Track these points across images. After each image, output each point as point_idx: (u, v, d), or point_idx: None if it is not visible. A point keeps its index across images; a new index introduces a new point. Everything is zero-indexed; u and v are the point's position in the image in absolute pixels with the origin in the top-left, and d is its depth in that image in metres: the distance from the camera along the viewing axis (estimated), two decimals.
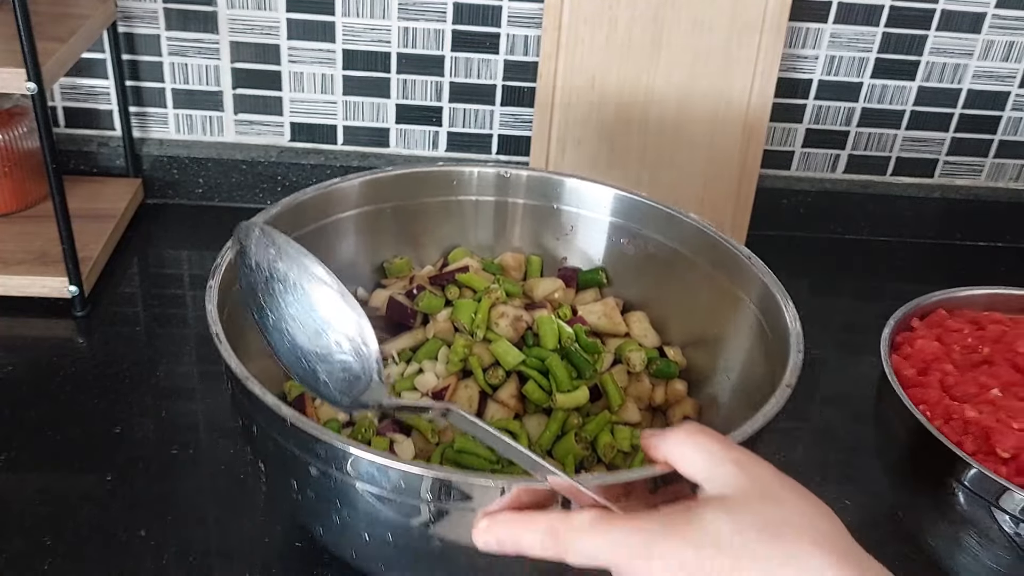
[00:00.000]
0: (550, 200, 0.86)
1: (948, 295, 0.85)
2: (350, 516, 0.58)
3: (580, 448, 0.70)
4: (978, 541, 0.67)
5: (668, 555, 0.45)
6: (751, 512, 0.46)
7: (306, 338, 0.54)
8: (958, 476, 0.67)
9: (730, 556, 0.44)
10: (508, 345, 0.74)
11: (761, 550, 0.44)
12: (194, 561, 0.71)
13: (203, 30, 1.09)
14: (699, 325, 0.81)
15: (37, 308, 0.95)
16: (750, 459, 0.49)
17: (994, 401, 0.73)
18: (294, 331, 0.55)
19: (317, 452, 0.55)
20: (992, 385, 0.75)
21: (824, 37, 1.12)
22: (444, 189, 0.85)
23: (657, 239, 0.83)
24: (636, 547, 0.46)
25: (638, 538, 0.46)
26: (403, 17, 1.09)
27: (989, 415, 0.71)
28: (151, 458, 0.80)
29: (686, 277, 0.81)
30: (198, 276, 1.04)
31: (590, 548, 0.47)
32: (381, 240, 0.85)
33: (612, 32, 1.05)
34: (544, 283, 0.84)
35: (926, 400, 0.74)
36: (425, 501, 0.54)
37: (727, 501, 0.46)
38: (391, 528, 0.57)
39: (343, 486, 0.56)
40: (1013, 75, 1.16)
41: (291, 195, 0.78)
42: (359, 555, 0.62)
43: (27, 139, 1.02)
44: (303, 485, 0.59)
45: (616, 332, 0.81)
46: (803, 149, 1.20)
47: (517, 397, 0.73)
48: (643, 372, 0.78)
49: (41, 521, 0.73)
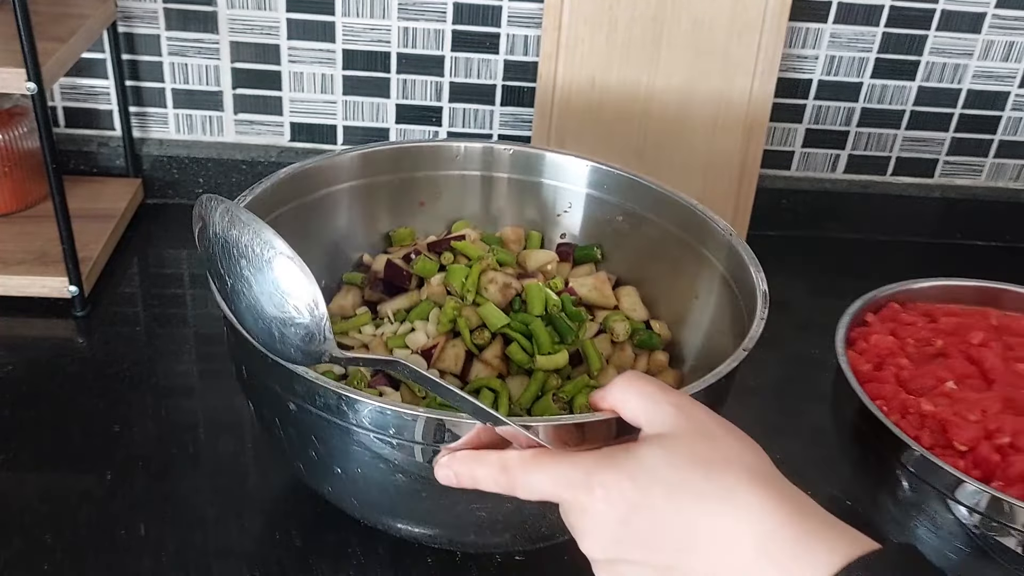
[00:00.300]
0: (548, 177, 0.89)
1: (901, 288, 0.86)
2: (324, 450, 0.63)
3: (557, 408, 0.73)
4: (935, 533, 0.68)
5: (608, 484, 0.48)
6: (686, 448, 0.48)
7: (270, 306, 0.59)
8: (913, 469, 0.67)
9: (664, 486, 0.47)
10: (494, 308, 0.78)
11: (697, 483, 0.47)
12: (193, 560, 0.71)
13: (203, 30, 1.09)
14: (682, 300, 0.84)
15: (37, 308, 0.95)
16: (688, 402, 0.51)
17: (950, 394, 0.74)
18: (256, 298, 0.59)
19: (295, 389, 0.61)
20: (947, 378, 0.76)
21: (824, 37, 1.12)
22: (447, 163, 0.89)
23: (650, 218, 0.86)
24: (577, 479, 0.49)
25: (579, 471, 0.49)
26: (403, 17, 1.09)
27: (945, 408, 0.71)
28: (151, 457, 0.80)
29: (674, 255, 0.84)
30: (198, 276, 1.04)
31: (535, 482, 0.50)
32: (389, 209, 0.89)
33: (612, 32, 1.05)
34: (538, 254, 0.88)
35: (882, 395, 0.74)
36: (383, 433, 0.60)
37: (664, 438, 0.49)
38: (359, 462, 0.62)
39: (317, 420, 0.61)
40: (1013, 75, 1.16)
41: (291, 166, 0.81)
42: (334, 490, 0.67)
43: (27, 139, 1.02)
44: (284, 422, 0.65)
45: (606, 305, 0.84)
46: (803, 149, 1.20)
47: (501, 358, 0.77)
48: (627, 342, 0.82)
49: (41, 520, 0.73)
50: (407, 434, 0.59)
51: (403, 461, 0.61)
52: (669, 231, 0.84)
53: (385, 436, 0.60)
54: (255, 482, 0.78)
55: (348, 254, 0.88)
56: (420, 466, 0.61)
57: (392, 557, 0.73)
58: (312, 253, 0.84)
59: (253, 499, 0.77)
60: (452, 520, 0.65)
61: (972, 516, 0.65)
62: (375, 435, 0.60)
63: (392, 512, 0.66)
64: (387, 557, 0.73)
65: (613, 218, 0.88)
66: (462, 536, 0.67)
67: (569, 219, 0.90)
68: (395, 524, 0.68)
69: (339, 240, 0.87)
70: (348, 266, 0.88)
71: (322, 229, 0.85)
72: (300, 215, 0.82)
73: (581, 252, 0.89)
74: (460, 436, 0.59)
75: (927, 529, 0.68)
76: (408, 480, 0.62)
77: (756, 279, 0.74)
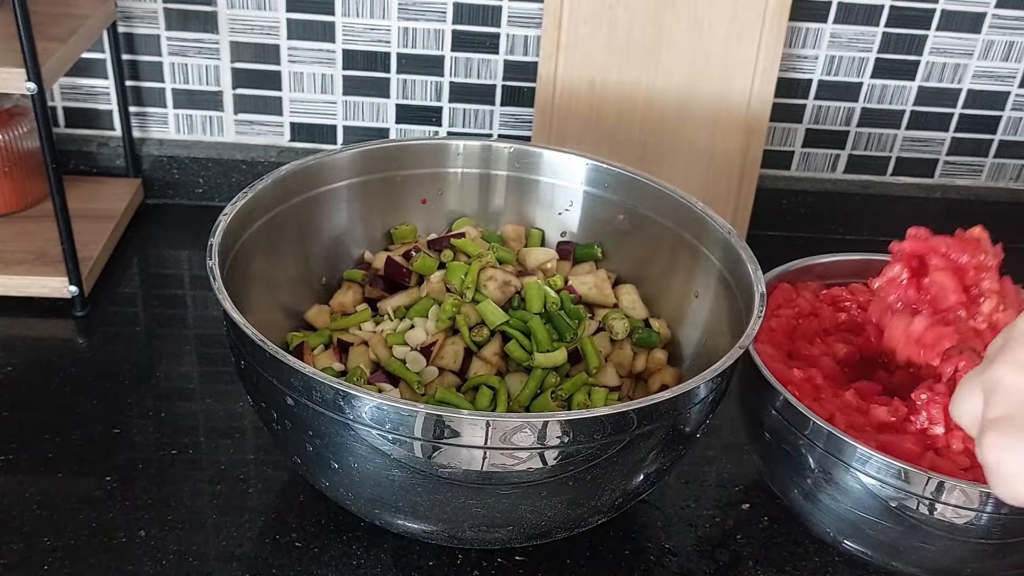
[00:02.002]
0: (548, 175, 0.90)
1: (796, 266, 0.85)
2: (321, 445, 0.64)
3: (556, 406, 0.73)
4: (838, 498, 0.69)
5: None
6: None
7: None
8: (814, 440, 0.68)
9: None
10: (493, 305, 0.78)
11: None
12: (193, 563, 0.71)
13: (203, 30, 1.09)
14: (681, 298, 0.85)
15: (37, 308, 0.95)
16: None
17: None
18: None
19: (293, 384, 0.62)
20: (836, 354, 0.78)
21: (824, 37, 1.12)
22: (448, 161, 0.89)
23: (650, 216, 0.86)
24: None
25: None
26: (403, 17, 1.09)
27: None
28: (151, 459, 0.80)
29: (674, 253, 0.85)
30: (198, 276, 1.04)
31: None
32: (390, 206, 0.89)
33: (612, 32, 1.05)
34: (538, 253, 0.88)
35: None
36: (381, 429, 0.60)
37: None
38: (356, 457, 0.63)
39: (315, 415, 0.62)
40: (1013, 75, 1.16)
41: (292, 163, 0.82)
42: (331, 484, 0.68)
43: (27, 139, 1.02)
44: (282, 416, 0.65)
45: (605, 303, 0.85)
46: (803, 149, 1.20)
47: (500, 355, 0.77)
48: (626, 340, 0.82)
49: (41, 522, 0.73)
50: (405, 430, 0.60)
51: (401, 456, 0.61)
52: (669, 229, 0.85)
53: (383, 432, 0.60)
54: (256, 484, 0.78)
55: (349, 251, 0.88)
56: (418, 461, 0.61)
57: (393, 559, 0.73)
58: (313, 250, 0.85)
59: (254, 501, 0.77)
60: (449, 515, 0.65)
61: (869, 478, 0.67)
62: (373, 431, 0.60)
63: (389, 507, 0.66)
64: (388, 560, 0.73)
65: (614, 217, 0.88)
66: (459, 532, 0.68)
67: (570, 217, 0.90)
68: (392, 519, 0.68)
69: (340, 237, 0.87)
70: (349, 263, 0.88)
71: (323, 226, 0.85)
72: (301, 212, 0.83)
73: (582, 250, 0.89)
74: (460, 432, 0.59)
75: (830, 495, 0.70)
76: (405, 475, 0.62)
77: (754, 277, 0.74)
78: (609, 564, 0.74)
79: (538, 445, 0.60)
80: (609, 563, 0.74)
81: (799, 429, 0.69)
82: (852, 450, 0.66)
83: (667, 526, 0.78)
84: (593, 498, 0.66)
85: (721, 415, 0.76)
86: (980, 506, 0.63)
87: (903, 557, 0.69)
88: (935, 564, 0.68)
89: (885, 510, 0.66)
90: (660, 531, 0.78)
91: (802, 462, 0.69)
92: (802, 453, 0.69)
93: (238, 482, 0.78)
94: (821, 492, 0.69)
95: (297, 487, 0.78)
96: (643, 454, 0.65)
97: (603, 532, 0.76)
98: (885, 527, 0.67)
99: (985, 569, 0.68)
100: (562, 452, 0.61)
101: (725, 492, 0.82)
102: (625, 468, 0.65)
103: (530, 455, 0.60)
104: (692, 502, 0.81)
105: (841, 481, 0.67)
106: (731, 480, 0.83)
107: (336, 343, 0.79)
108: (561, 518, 0.67)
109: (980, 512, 0.64)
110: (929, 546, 0.67)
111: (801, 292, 0.83)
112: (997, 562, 0.68)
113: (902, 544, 0.68)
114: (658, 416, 0.63)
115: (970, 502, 0.63)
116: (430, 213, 0.90)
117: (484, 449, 0.60)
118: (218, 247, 0.70)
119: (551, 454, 0.61)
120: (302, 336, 0.79)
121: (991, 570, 0.69)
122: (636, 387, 0.82)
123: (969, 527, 0.64)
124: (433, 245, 0.86)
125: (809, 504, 0.71)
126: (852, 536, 0.70)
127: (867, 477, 0.66)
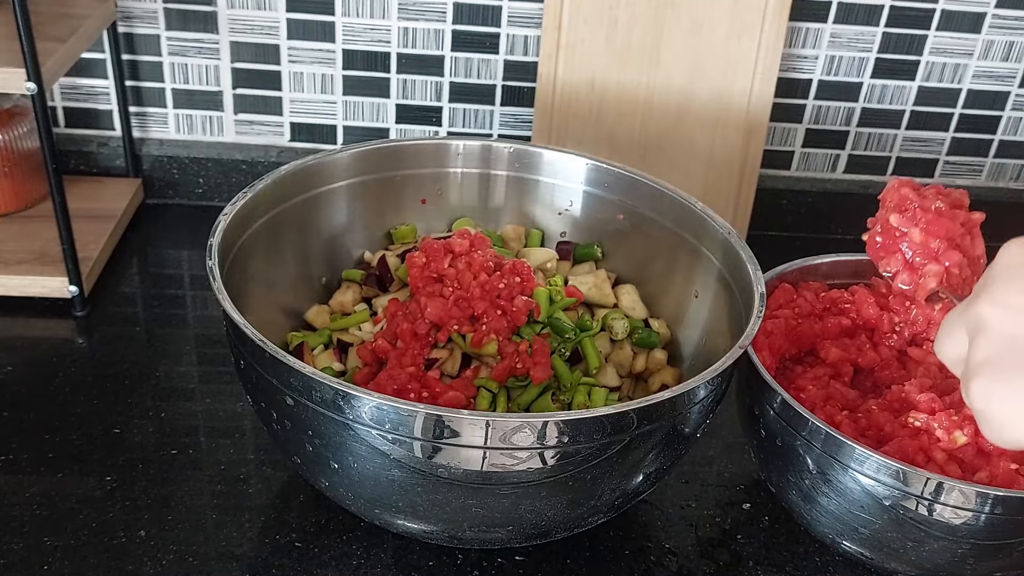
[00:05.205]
0: (548, 175, 0.90)
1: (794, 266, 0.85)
2: (320, 444, 0.64)
3: (556, 407, 0.74)
4: (836, 499, 0.69)
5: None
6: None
7: None
8: (812, 440, 0.69)
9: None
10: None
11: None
12: (193, 563, 0.71)
13: (203, 30, 1.09)
14: (681, 298, 0.85)
15: (37, 308, 0.95)
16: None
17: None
18: None
19: (292, 383, 0.62)
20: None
21: (824, 37, 1.12)
22: (448, 161, 0.90)
23: (650, 216, 0.86)
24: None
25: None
26: (403, 17, 1.09)
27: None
28: (151, 459, 0.80)
29: (674, 253, 0.85)
30: (198, 276, 1.04)
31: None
32: (390, 206, 0.89)
33: (612, 32, 1.05)
34: (537, 253, 0.88)
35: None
36: (380, 428, 0.60)
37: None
38: (356, 457, 0.63)
39: (314, 414, 0.62)
40: (1013, 75, 1.16)
41: (292, 163, 0.82)
42: (330, 484, 0.68)
43: (27, 139, 1.02)
44: (282, 415, 0.66)
45: (605, 303, 0.85)
46: (803, 149, 1.20)
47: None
48: (626, 340, 0.82)
49: (41, 522, 0.73)
50: (405, 430, 0.60)
51: (401, 457, 0.61)
52: (669, 229, 0.85)
53: (383, 432, 0.60)
54: (256, 484, 0.78)
55: (349, 251, 0.88)
56: (418, 462, 0.61)
57: (393, 559, 0.73)
58: (313, 250, 0.85)
59: (254, 501, 0.77)
60: (449, 516, 0.65)
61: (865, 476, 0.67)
62: (372, 431, 0.60)
63: (389, 507, 0.66)
64: (388, 560, 0.73)
65: (613, 216, 0.88)
66: (459, 532, 0.68)
67: (569, 217, 0.90)
68: (392, 519, 0.68)
69: (340, 237, 0.87)
70: (349, 263, 0.88)
71: (323, 226, 0.85)
72: (301, 212, 0.83)
73: (582, 250, 0.89)
74: (459, 432, 0.59)
75: (829, 498, 0.70)
76: (405, 475, 0.62)
77: (753, 278, 0.74)
78: (609, 564, 0.74)
79: (538, 445, 0.60)
80: (609, 563, 0.74)
81: (797, 429, 0.69)
82: (850, 450, 0.66)
83: (667, 526, 0.78)
84: (593, 498, 0.66)
85: (721, 415, 0.76)
86: (978, 507, 0.63)
87: (901, 557, 0.69)
88: (933, 564, 0.68)
89: (883, 510, 0.66)
90: (660, 531, 0.78)
91: (800, 462, 0.70)
92: (800, 453, 0.69)
93: (238, 482, 0.78)
94: (819, 492, 0.69)
95: (297, 487, 0.78)
96: (643, 454, 0.65)
97: (603, 532, 0.76)
98: (883, 528, 0.67)
99: (983, 569, 0.68)
100: (562, 452, 0.61)
101: (725, 492, 0.82)
102: (625, 468, 0.65)
103: (530, 455, 0.61)
104: (692, 502, 0.81)
105: (839, 481, 0.67)
106: (731, 480, 0.83)
107: (336, 343, 0.79)
108: (561, 518, 0.67)
109: (978, 512, 0.64)
110: (927, 547, 0.67)
111: (801, 292, 0.83)
112: (995, 563, 0.67)
113: (900, 545, 0.68)
114: (658, 416, 0.63)
115: (968, 503, 0.63)
116: (430, 213, 0.90)
117: (484, 449, 0.60)
118: (218, 247, 0.70)
119: (551, 454, 0.61)
120: (302, 336, 0.79)
121: (989, 570, 0.68)
122: (636, 387, 0.82)
123: (967, 527, 0.64)
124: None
125: (807, 505, 0.71)
126: (850, 537, 0.70)
127: (865, 477, 0.66)
